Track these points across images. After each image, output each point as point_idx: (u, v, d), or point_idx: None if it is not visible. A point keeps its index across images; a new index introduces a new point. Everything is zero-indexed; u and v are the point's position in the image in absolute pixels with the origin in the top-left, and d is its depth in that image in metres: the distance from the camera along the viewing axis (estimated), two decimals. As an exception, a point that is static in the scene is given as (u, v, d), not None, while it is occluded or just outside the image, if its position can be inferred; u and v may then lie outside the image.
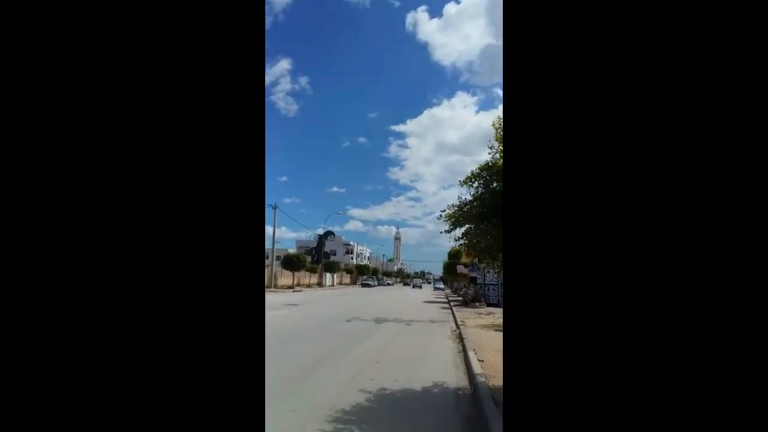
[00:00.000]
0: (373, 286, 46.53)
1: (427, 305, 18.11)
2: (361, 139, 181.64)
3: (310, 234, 55.00)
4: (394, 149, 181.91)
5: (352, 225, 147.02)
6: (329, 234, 46.90)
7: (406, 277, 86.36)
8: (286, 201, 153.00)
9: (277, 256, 32.04)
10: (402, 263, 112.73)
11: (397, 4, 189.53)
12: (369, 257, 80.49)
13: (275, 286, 28.90)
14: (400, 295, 27.47)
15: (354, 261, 66.40)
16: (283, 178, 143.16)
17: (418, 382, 4.29)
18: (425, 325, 10.04)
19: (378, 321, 10.40)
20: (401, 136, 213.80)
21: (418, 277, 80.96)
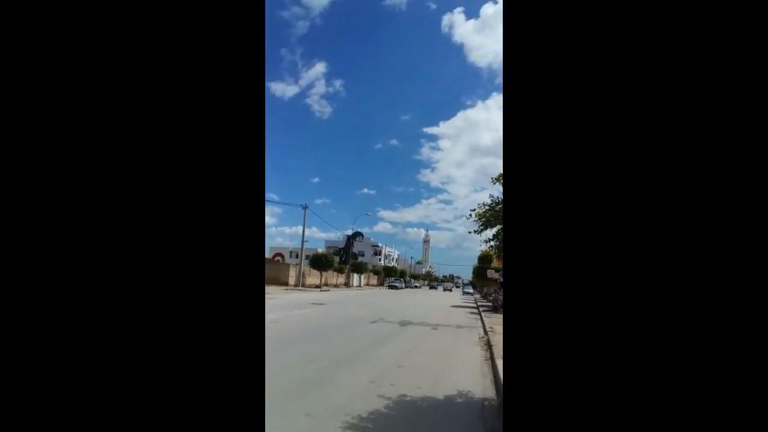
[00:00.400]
0: (400, 288, 46.26)
1: (455, 310, 17.69)
2: (393, 141, 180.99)
3: (339, 234, 55.51)
4: (426, 151, 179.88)
5: (381, 227, 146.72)
6: (358, 235, 47.10)
7: (433, 281, 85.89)
8: (317, 202, 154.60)
9: (306, 255, 32.41)
10: (430, 266, 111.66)
11: (434, 5, 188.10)
12: (397, 259, 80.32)
13: (303, 284, 29.25)
14: (427, 299, 27.10)
15: (382, 262, 66.27)
16: (316, 179, 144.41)
17: (441, 390, 4.05)
18: (452, 330, 9.72)
19: (403, 324, 10.18)
20: (434, 138, 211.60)
21: (447, 281, 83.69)
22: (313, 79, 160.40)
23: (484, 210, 3.93)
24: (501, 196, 3.67)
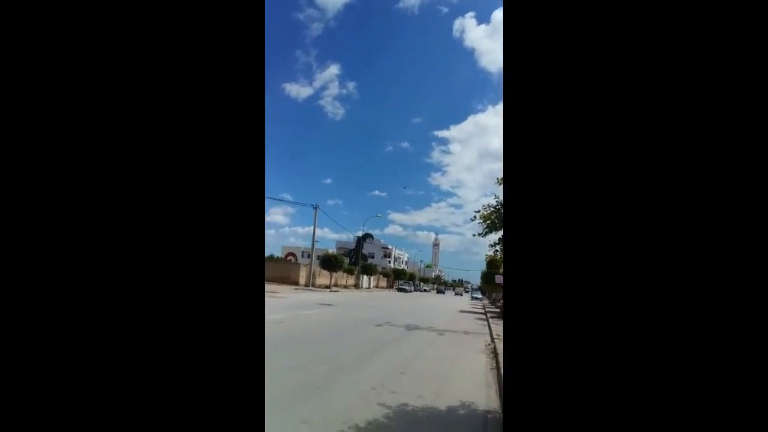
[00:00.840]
0: (409, 291, 46.10)
1: (463, 315, 17.52)
2: (404, 144, 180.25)
3: (350, 236, 55.53)
4: (436, 155, 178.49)
5: (391, 229, 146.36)
6: (368, 236, 47.11)
7: (441, 284, 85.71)
8: (329, 203, 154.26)
9: (318, 255, 32.51)
10: (440, 270, 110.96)
11: (445, 10, 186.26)
12: (406, 262, 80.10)
13: (313, 285, 29.33)
14: (435, 302, 26.92)
15: (391, 264, 66.11)
16: (328, 180, 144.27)
17: (444, 400, 3.96)
18: (458, 337, 9.59)
19: (409, 328, 10.09)
20: (444, 141, 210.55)
21: (458, 286, 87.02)
22: (327, 81, 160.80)
23: (489, 212, 3.84)
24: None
